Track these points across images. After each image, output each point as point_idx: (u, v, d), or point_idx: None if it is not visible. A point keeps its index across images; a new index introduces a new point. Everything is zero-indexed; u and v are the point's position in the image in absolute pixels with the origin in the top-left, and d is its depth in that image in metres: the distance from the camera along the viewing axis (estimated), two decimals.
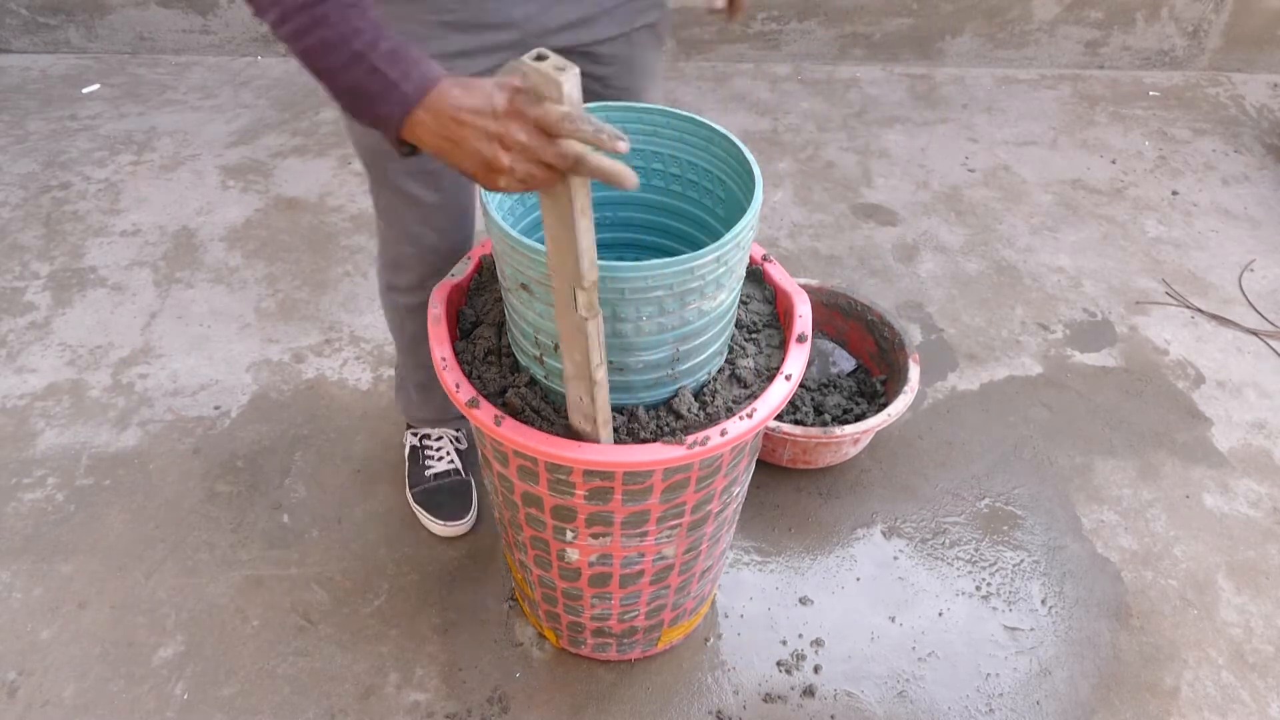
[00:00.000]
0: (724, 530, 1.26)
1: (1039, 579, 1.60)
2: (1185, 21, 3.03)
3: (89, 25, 3.00)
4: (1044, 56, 3.11)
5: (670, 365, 1.00)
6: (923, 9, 3.00)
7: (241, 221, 2.34)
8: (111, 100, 2.81)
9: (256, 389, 1.89)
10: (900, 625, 1.52)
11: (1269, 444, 1.85)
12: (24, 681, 1.41)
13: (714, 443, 0.97)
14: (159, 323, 2.04)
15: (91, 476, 1.71)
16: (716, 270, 0.92)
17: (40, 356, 1.95)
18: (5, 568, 1.56)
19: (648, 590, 1.25)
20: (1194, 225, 2.44)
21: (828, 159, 2.65)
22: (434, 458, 1.65)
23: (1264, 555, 1.65)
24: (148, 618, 1.50)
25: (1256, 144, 2.78)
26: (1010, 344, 2.06)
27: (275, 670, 1.43)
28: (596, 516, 1.09)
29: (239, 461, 1.74)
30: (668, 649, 1.47)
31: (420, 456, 1.66)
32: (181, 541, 1.61)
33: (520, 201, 1.09)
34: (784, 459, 1.71)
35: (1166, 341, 2.08)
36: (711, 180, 1.08)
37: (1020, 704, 1.42)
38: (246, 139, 2.65)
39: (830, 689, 1.43)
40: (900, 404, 1.64)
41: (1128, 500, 1.74)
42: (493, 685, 1.42)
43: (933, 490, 1.74)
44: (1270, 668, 1.48)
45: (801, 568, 1.60)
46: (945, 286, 2.21)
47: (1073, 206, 2.50)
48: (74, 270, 2.18)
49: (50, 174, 2.48)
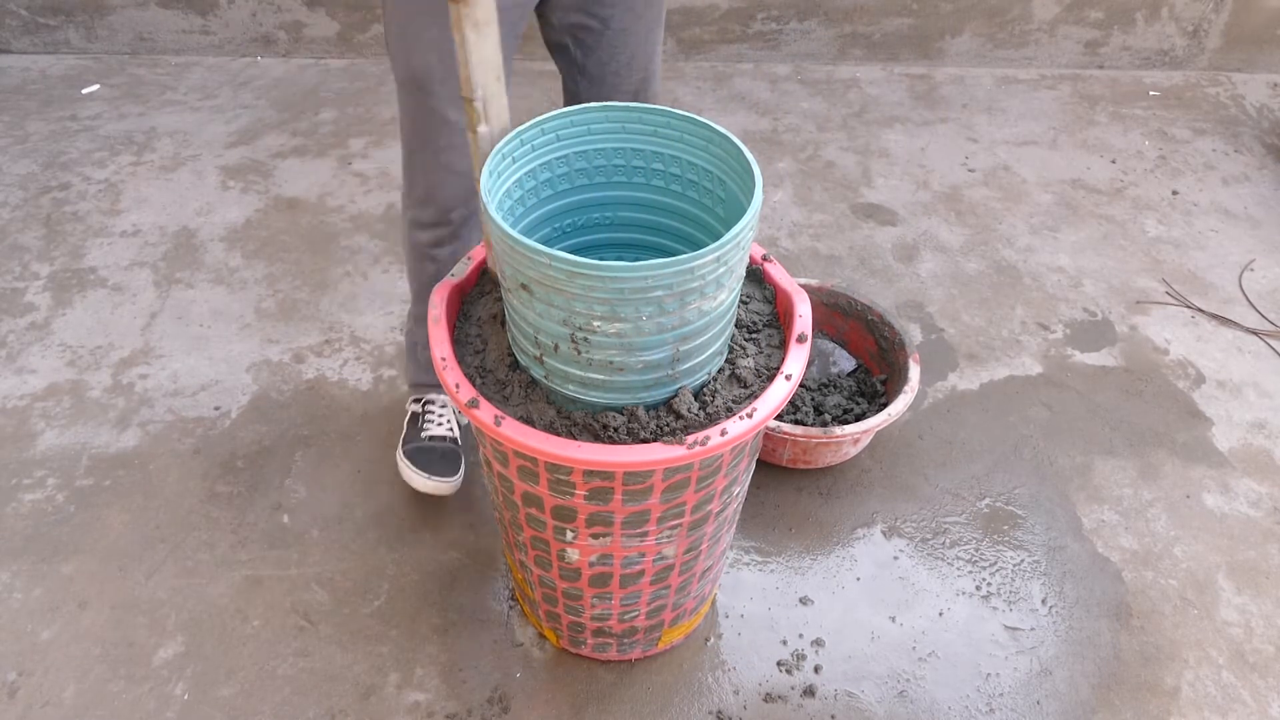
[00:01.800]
0: (724, 530, 1.26)
1: (1039, 579, 1.60)
2: (1185, 21, 3.03)
3: (89, 26, 3.00)
4: (1044, 56, 3.11)
5: (670, 365, 1.00)
6: (923, 9, 3.00)
7: (241, 222, 2.34)
8: (111, 101, 2.81)
9: (256, 389, 1.89)
10: (900, 625, 1.52)
11: (1269, 444, 1.85)
12: (24, 682, 1.41)
13: (714, 443, 0.97)
14: (159, 323, 2.04)
15: (91, 477, 1.71)
16: (716, 270, 0.92)
17: (40, 357, 1.95)
18: (5, 568, 1.56)
19: (648, 590, 1.25)
20: (1194, 225, 2.44)
21: (828, 159, 2.65)
22: (434, 423, 1.66)
23: (1264, 555, 1.65)
24: (148, 618, 1.50)
25: (1256, 144, 2.78)
26: (1010, 344, 2.06)
27: (275, 670, 1.43)
28: (597, 516, 1.09)
29: (239, 462, 1.74)
30: (668, 649, 1.47)
31: (420, 420, 1.67)
32: (182, 542, 1.61)
33: (520, 202, 1.09)
34: (784, 459, 1.71)
35: (1167, 341, 2.08)
36: (711, 180, 1.08)
37: (1021, 704, 1.42)
38: (246, 139, 2.65)
39: (830, 689, 1.43)
40: (900, 404, 1.64)
41: (1128, 500, 1.73)
42: (493, 685, 1.42)
43: (933, 490, 1.74)
44: (1271, 667, 1.48)
45: (802, 568, 1.60)
46: (945, 286, 2.21)
47: (1073, 206, 2.50)
48: (74, 271, 2.18)
49: (50, 174, 2.49)
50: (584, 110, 1.06)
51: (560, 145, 1.08)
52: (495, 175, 1.01)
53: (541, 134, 1.05)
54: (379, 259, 2.23)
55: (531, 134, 1.04)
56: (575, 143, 1.08)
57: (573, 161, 1.10)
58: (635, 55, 1.48)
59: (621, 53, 1.46)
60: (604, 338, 0.94)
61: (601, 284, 0.88)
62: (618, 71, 1.49)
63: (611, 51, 1.46)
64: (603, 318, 0.92)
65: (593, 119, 1.07)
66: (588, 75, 1.50)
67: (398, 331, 2.03)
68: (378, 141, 2.66)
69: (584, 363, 0.97)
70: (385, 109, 2.81)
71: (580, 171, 1.11)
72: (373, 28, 3.03)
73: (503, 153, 1.02)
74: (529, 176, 1.07)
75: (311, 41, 3.06)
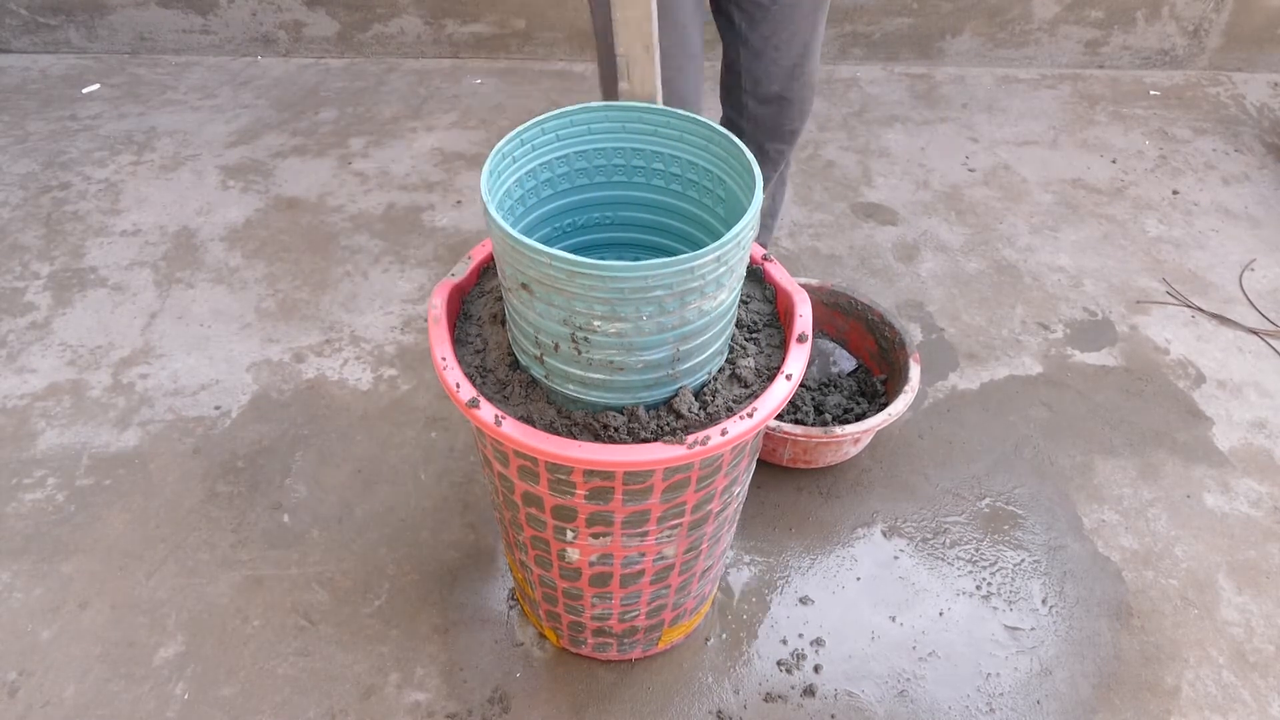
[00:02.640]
0: (724, 530, 1.26)
1: (1040, 578, 1.60)
2: (1186, 21, 3.03)
3: (89, 25, 3.00)
4: (1044, 56, 3.11)
5: (670, 365, 1.00)
6: (923, 9, 3.00)
7: (242, 221, 2.34)
8: (111, 100, 2.81)
9: (257, 389, 1.89)
10: (901, 625, 1.52)
11: (1270, 443, 1.85)
12: (24, 682, 1.41)
13: (714, 442, 0.97)
14: (159, 323, 2.04)
15: (92, 476, 1.71)
16: (717, 270, 0.92)
17: (40, 357, 1.95)
18: (6, 568, 1.56)
19: (648, 590, 1.25)
20: (1194, 224, 2.44)
21: (828, 158, 2.65)
22: None
23: (1265, 555, 1.65)
24: (148, 618, 1.50)
25: (1257, 143, 2.78)
26: (1011, 343, 2.06)
27: (276, 670, 1.43)
28: (597, 516, 1.09)
29: (239, 461, 1.74)
30: (668, 649, 1.47)
31: None
32: (182, 541, 1.61)
33: (520, 202, 1.09)
34: (784, 458, 1.71)
35: (1167, 341, 2.08)
36: (711, 180, 1.08)
37: (1021, 703, 1.42)
38: (246, 139, 2.65)
39: (831, 688, 1.43)
40: (901, 403, 1.64)
41: (1128, 500, 1.73)
42: (493, 685, 1.42)
43: (933, 490, 1.74)
44: (1271, 667, 1.48)
45: (802, 567, 1.60)
46: (945, 286, 2.21)
47: (1073, 206, 2.49)
48: (74, 270, 2.18)
49: (50, 174, 2.49)
50: (584, 110, 1.06)
51: (560, 145, 1.08)
52: (495, 175, 1.01)
53: (542, 133, 1.05)
54: (379, 259, 2.23)
55: (531, 133, 1.04)
56: (575, 142, 1.08)
57: (573, 161, 1.10)
58: (798, 32, 1.53)
59: (785, 28, 1.51)
60: (604, 337, 0.94)
61: (602, 283, 0.88)
62: (779, 46, 1.54)
63: (775, 26, 1.51)
64: (603, 317, 0.92)
65: (593, 118, 1.07)
66: (749, 47, 1.56)
67: (398, 331, 2.03)
68: (378, 141, 2.66)
69: (584, 362, 0.97)
70: (385, 108, 2.82)
71: (580, 171, 1.11)
72: (373, 27, 3.03)
73: (503, 152, 1.02)
74: (529, 176, 1.07)
75: (311, 41, 3.06)
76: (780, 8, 1.49)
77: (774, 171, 1.84)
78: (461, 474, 1.73)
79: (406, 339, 2.01)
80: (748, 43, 1.57)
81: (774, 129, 1.72)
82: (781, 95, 1.65)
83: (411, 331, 2.03)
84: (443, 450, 1.77)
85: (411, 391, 1.89)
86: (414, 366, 1.95)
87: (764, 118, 1.70)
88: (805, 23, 1.53)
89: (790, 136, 1.75)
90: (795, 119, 1.71)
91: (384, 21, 3.02)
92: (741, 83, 1.66)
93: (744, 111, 1.71)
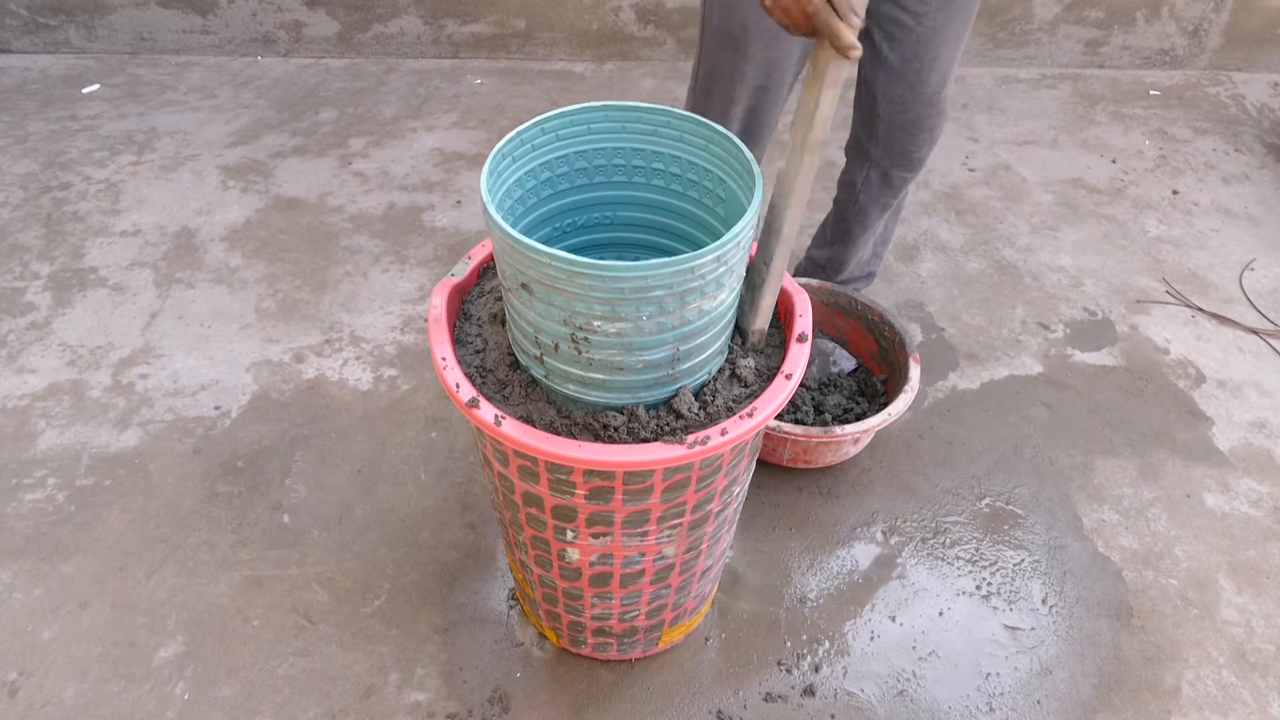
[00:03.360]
0: (724, 530, 1.26)
1: (1040, 578, 1.60)
2: (1186, 21, 3.03)
3: (89, 25, 3.00)
4: (1044, 56, 3.11)
5: (670, 365, 1.00)
6: None
7: (241, 221, 2.34)
8: (111, 100, 2.81)
9: (257, 389, 1.89)
10: (900, 624, 1.52)
11: (1270, 443, 1.85)
12: (24, 682, 1.41)
13: (714, 442, 0.97)
14: (159, 323, 2.04)
15: (92, 477, 1.71)
16: (717, 270, 0.92)
17: (40, 357, 1.95)
18: (6, 568, 1.56)
19: (648, 590, 1.25)
20: (1194, 224, 2.44)
21: (827, 158, 2.65)
22: None
23: (1265, 555, 1.65)
24: (148, 618, 1.50)
25: (1257, 143, 2.78)
26: (1011, 343, 2.06)
27: (276, 670, 1.43)
28: (597, 516, 1.09)
29: (239, 461, 1.74)
30: (668, 648, 1.47)
31: None
32: (182, 542, 1.61)
33: (520, 202, 1.09)
34: (784, 458, 1.71)
35: (1167, 341, 2.08)
36: (712, 180, 1.08)
37: (1021, 703, 1.42)
38: (246, 139, 2.65)
39: (830, 688, 1.43)
40: (901, 403, 1.64)
41: (1128, 500, 1.73)
42: (493, 685, 1.42)
43: (933, 490, 1.74)
44: (1271, 667, 1.48)
45: (802, 567, 1.60)
46: (946, 286, 2.21)
47: (1073, 206, 2.49)
48: (74, 270, 2.18)
49: (50, 174, 2.49)
50: (584, 110, 1.06)
51: (560, 145, 1.08)
52: (495, 175, 1.01)
53: (542, 133, 1.05)
54: (379, 259, 2.23)
55: (532, 133, 1.04)
56: (575, 142, 1.08)
57: (573, 161, 1.10)
58: (939, 55, 1.47)
59: (927, 51, 1.45)
60: (604, 337, 0.94)
61: (602, 284, 0.88)
62: (919, 70, 1.48)
63: (917, 49, 1.45)
64: (603, 317, 0.92)
65: (593, 118, 1.07)
66: (888, 68, 1.49)
67: (398, 331, 2.03)
68: (378, 141, 2.66)
69: (584, 362, 0.97)
70: (385, 108, 2.82)
71: (580, 171, 1.11)
72: (373, 27, 3.03)
73: (503, 152, 1.02)
74: (529, 176, 1.07)
75: (311, 41, 3.06)
76: (925, 30, 1.41)
77: (894, 199, 1.78)
78: (461, 474, 1.73)
79: (406, 339, 2.01)
80: (886, 63, 1.50)
81: (903, 155, 1.66)
82: (918, 121, 1.58)
83: (411, 331, 2.03)
84: (443, 450, 1.77)
85: (411, 391, 1.89)
86: (414, 366, 1.95)
87: (895, 143, 1.64)
88: (948, 47, 1.46)
89: (918, 164, 1.69)
90: (925, 145, 1.65)
91: (384, 21, 3.02)
92: (877, 107, 1.59)
93: (875, 135, 1.65)
